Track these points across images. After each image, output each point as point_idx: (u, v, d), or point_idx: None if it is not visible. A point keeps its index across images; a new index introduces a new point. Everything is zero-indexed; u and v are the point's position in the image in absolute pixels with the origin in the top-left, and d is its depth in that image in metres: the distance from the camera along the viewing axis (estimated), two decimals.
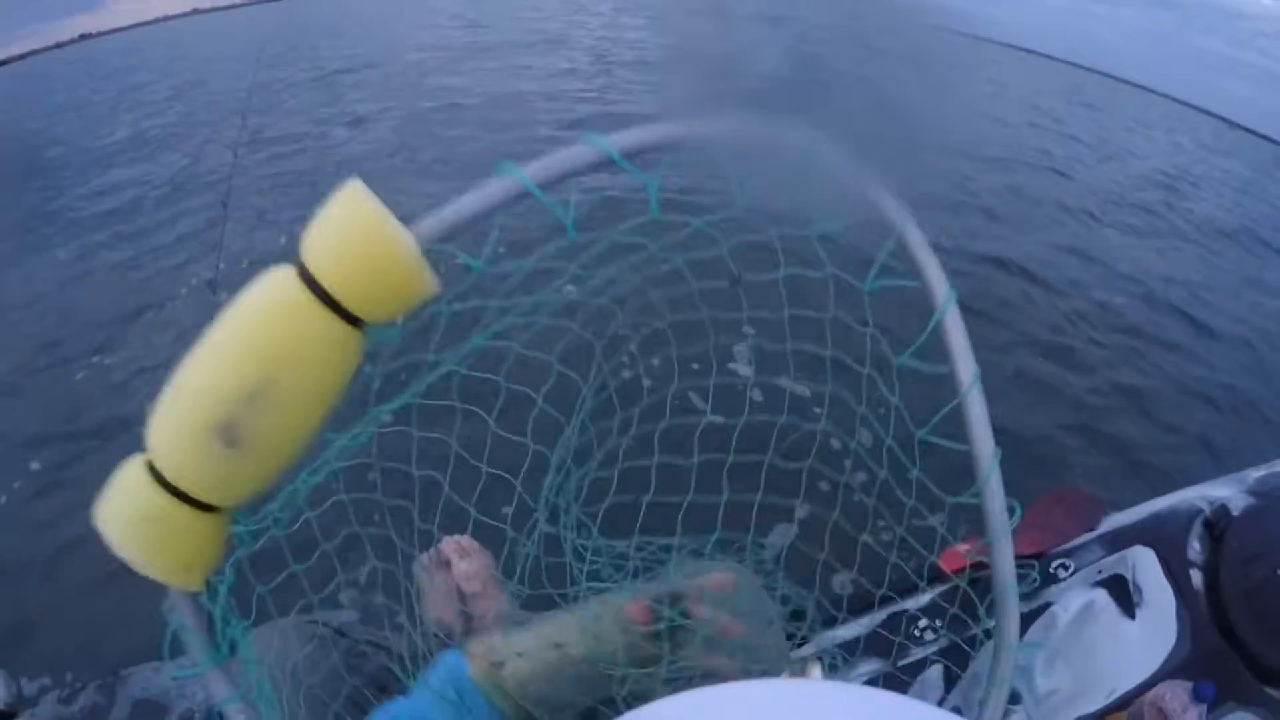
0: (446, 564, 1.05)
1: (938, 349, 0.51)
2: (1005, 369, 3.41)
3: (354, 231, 0.37)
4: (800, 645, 1.25)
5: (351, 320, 0.38)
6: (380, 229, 0.37)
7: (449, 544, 1.06)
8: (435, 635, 0.95)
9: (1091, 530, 1.50)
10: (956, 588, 1.41)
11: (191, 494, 0.39)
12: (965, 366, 0.52)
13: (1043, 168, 7.67)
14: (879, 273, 0.53)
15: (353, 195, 0.38)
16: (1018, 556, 1.42)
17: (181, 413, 0.38)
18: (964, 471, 0.52)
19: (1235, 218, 8.17)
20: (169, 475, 0.38)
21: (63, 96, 13.83)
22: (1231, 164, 10.68)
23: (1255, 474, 1.63)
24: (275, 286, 0.38)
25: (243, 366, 0.37)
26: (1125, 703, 1.30)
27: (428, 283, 0.40)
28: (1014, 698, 1.33)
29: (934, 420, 0.54)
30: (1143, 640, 1.39)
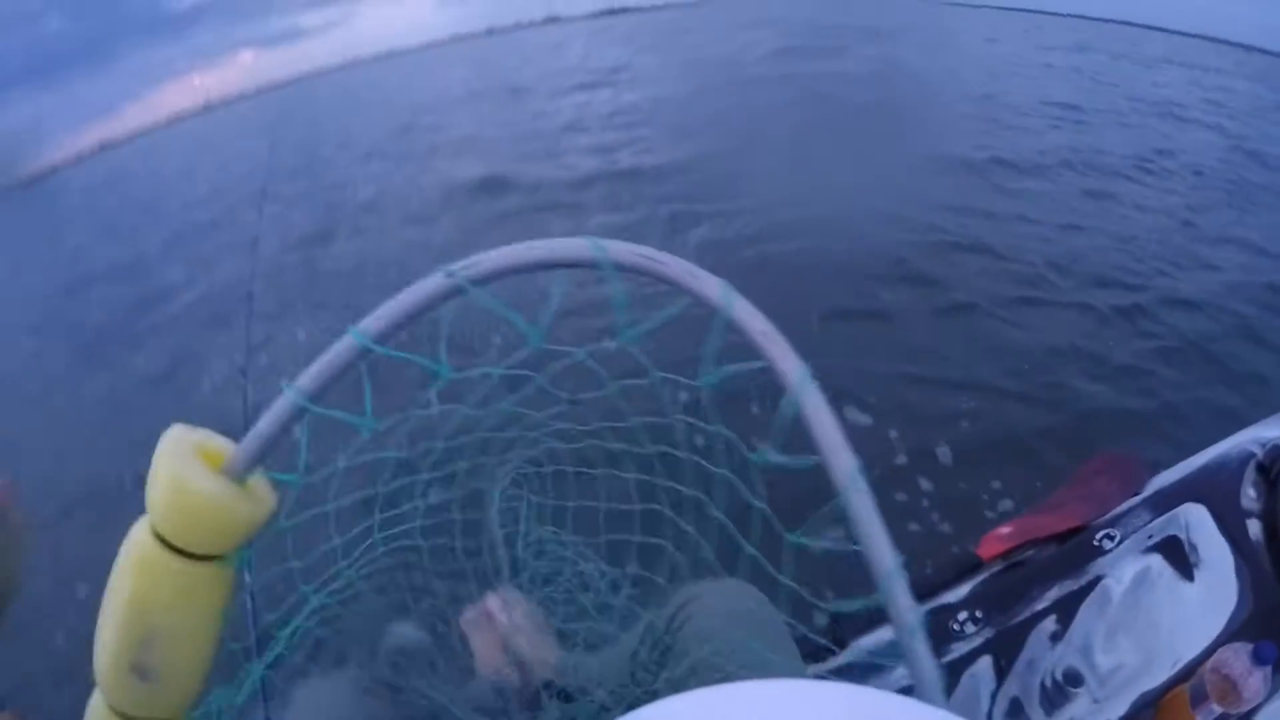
0: (490, 618, 1.10)
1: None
2: (1026, 338, 3.30)
3: (170, 487, 0.43)
4: (832, 655, 1.25)
5: (205, 557, 0.45)
6: (188, 485, 0.43)
7: (492, 599, 1.09)
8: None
9: (1137, 493, 1.44)
10: (997, 575, 1.38)
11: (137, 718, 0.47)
12: (840, 460, 0.44)
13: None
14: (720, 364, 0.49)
15: (166, 451, 0.44)
16: (1062, 532, 1.38)
17: (105, 659, 0.46)
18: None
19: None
20: (117, 708, 0.47)
21: (87, 210, 14.74)
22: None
23: None
24: (135, 544, 0.44)
25: (130, 620, 0.44)
26: (1189, 672, 1.25)
27: (252, 512, 0.46)
28: (1075, 679, 1.29)
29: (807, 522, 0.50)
30: (1203, 602, 1.33)
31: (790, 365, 0.45)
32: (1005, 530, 1.40)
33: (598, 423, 0.92)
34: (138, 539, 0.44)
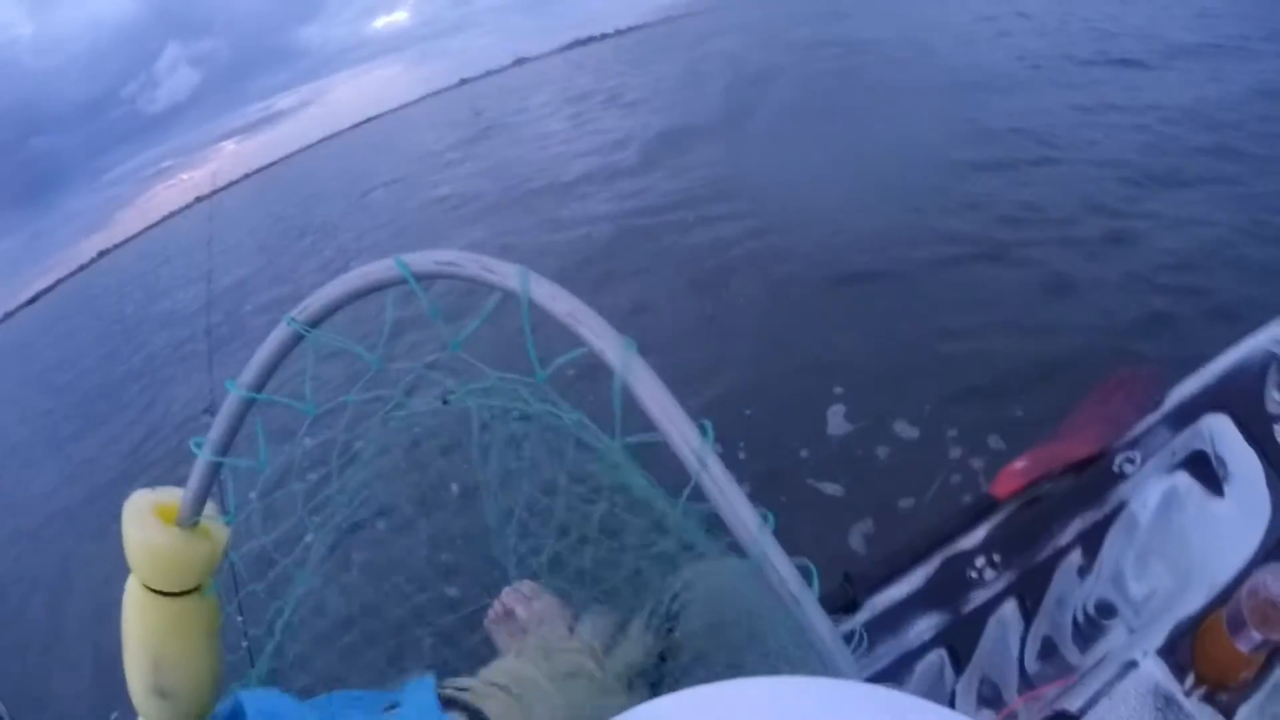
0: (511, 614, 1.09)
1: None
2: (1022, 273, 3.22)
3: (137, 545, 0.55)
4: (848, 612, 1.19)
5: (183, 592, 0.57)
6: (149, 541, 0.55)
7: (509, 595, 1.10)
8: None
9: (1156, 408, 1.35)
10: (1014, 513, 1.30)
11: None
12: (679, 433, 0.43)
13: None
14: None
15: (128, 516, 0.55)
16: (1080, 460, 1.29)
17: (133, 687, 0.58)
18: None
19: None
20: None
21: (87, 319, 15.01)
22: None
23: None
24: (129, 593, 0.57)
25: (140, 653, 0.56)
26: (1226, 596, 1.17)
27: (209, 549, 0.58)
28: (1108, 610, 1.22)
29: None
30: (1236, 519, 1.25)
31: (608, 343, 0.44)
32: (1020, 465, 1.32)
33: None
34: (130, 589, 0.56)
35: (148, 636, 0.56)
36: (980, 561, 1.26)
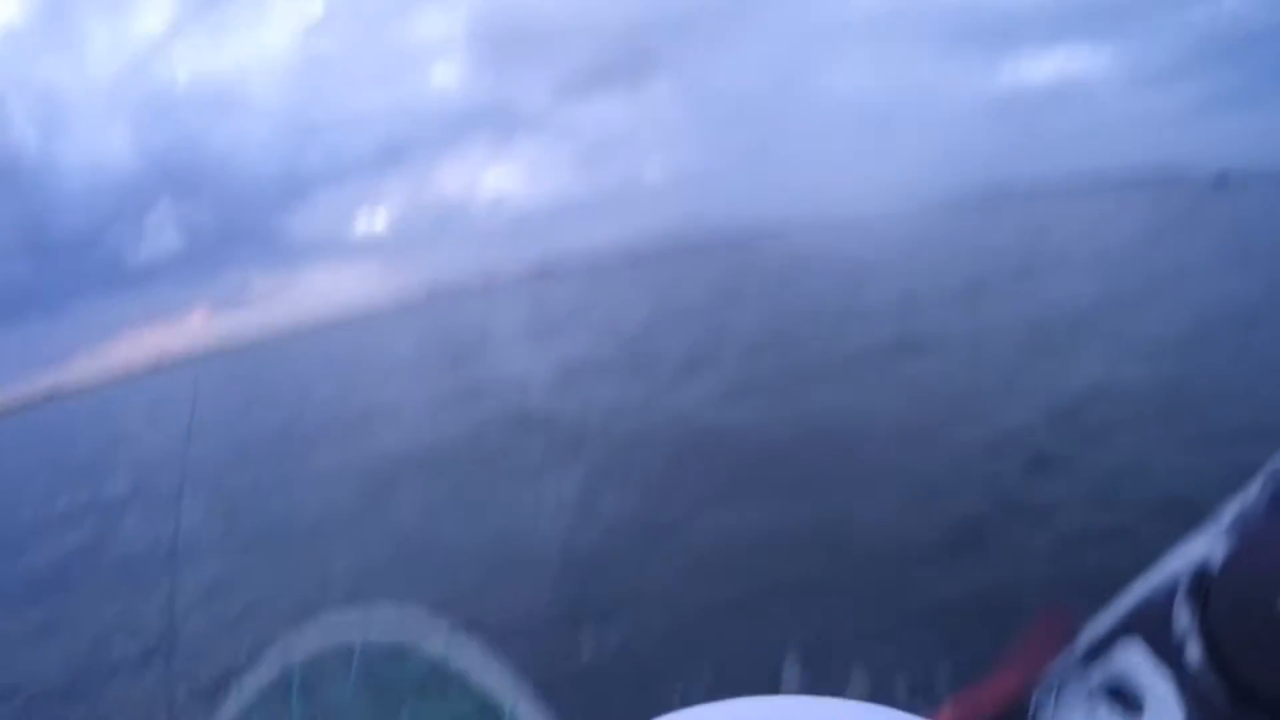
0: None
1: None
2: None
3: None
4: None
5: None
6: None
7: None
8: None
9: (1071, 648, 1.41)
10: None
11: None
12: None
13: None
14: None
15: None
16: (999, 709, 1.48)
17: None
18: None
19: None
20: None
21: (22, 460, 15.66)
22: None
23: (1229, 514, 1.42)
24: None
25: None
26: None
27: None
28: None
29: None
30: None
31: None
32: (944, 718, 1.43)
33: None
34: None
35: None
36: None
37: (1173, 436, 4.84)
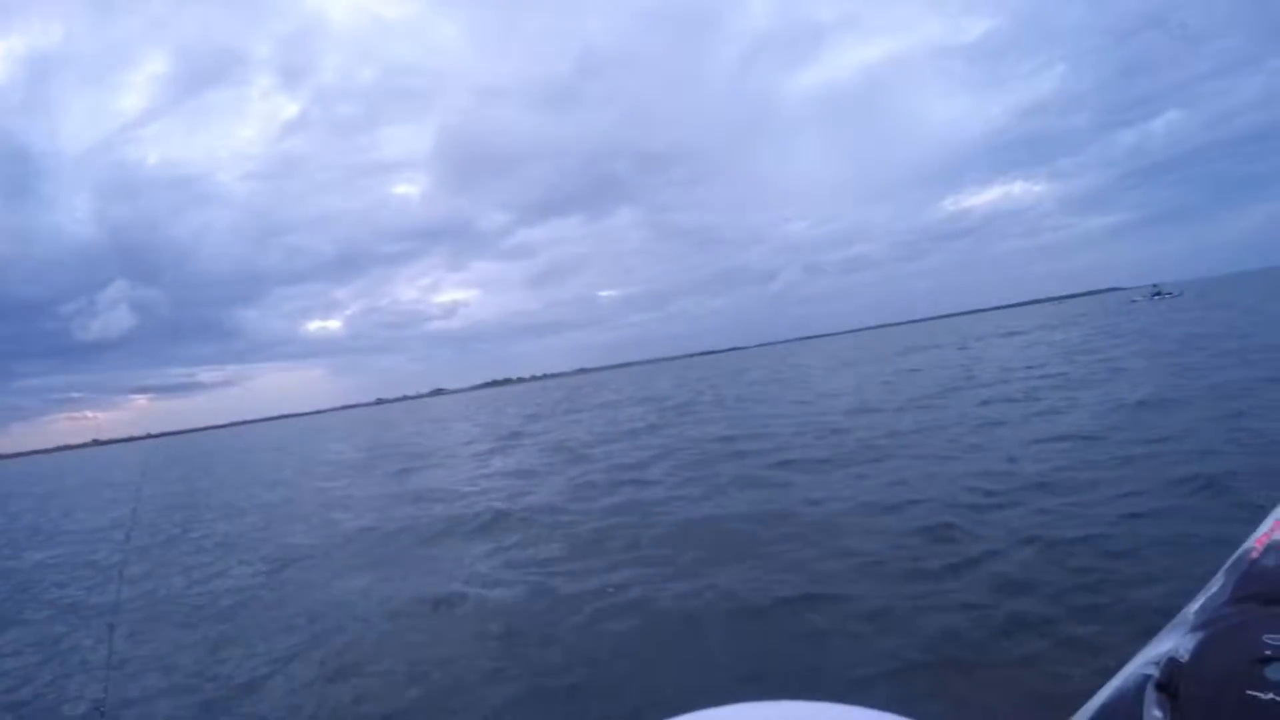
0: None
1: None
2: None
3: None
4: None
5: None
6: None
7: None
8: None
9: None
10: None
11: None
12: None
13: None
14: None
15: None
16: None
17: None
18: None
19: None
20: None
21: None
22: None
23: (1193, 607, 1.47)
24: None
25: None
26: None
27: None
28: None
29: None
30: None
31: None
32: None
33: None
34: None
35: None
36: None
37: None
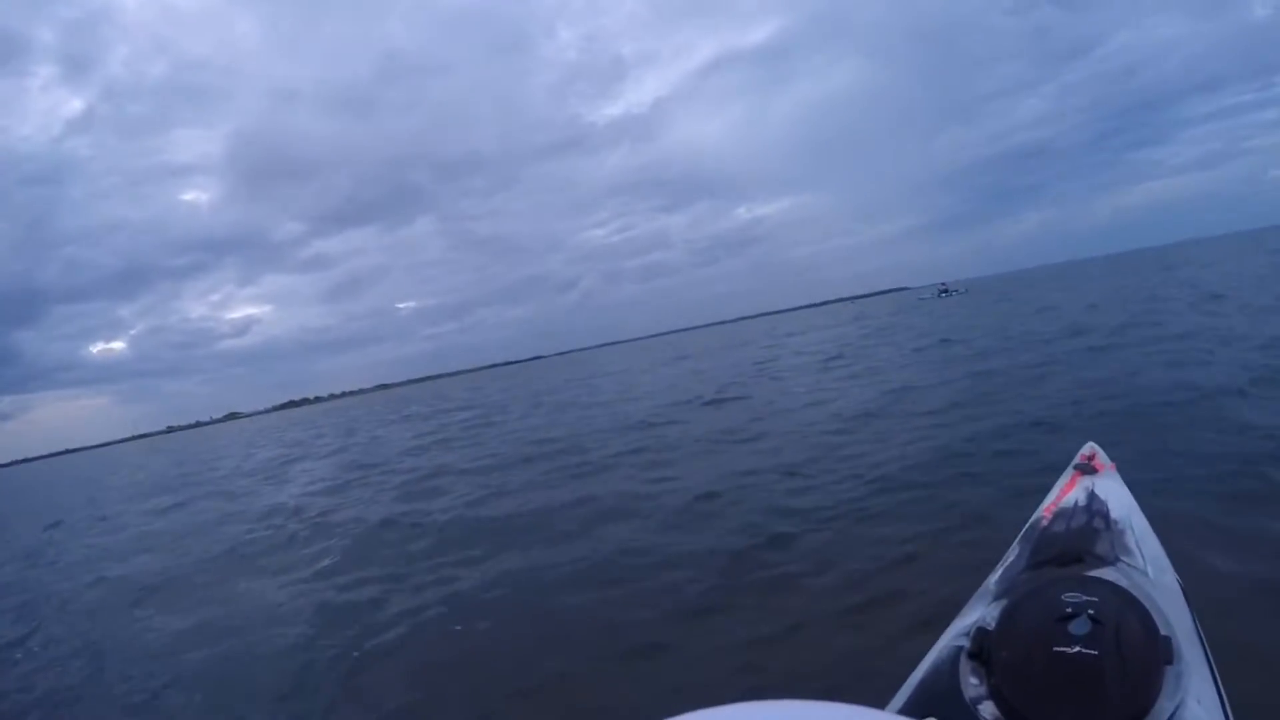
0: None
1: None
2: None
3: None
4: None
5: None
6: None
7: None
8: None
9: None
10: None
11: None
12: None
13: None
14: None
15: None
16: None
17: None
18: None
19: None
20: None
21: None
22: None
23: (993, 579, 1.51)
24: None
25: None
26: None
27: None
28: None
29: None
30: None
31: None
32: None
33: None
34: None
35: None
36: None
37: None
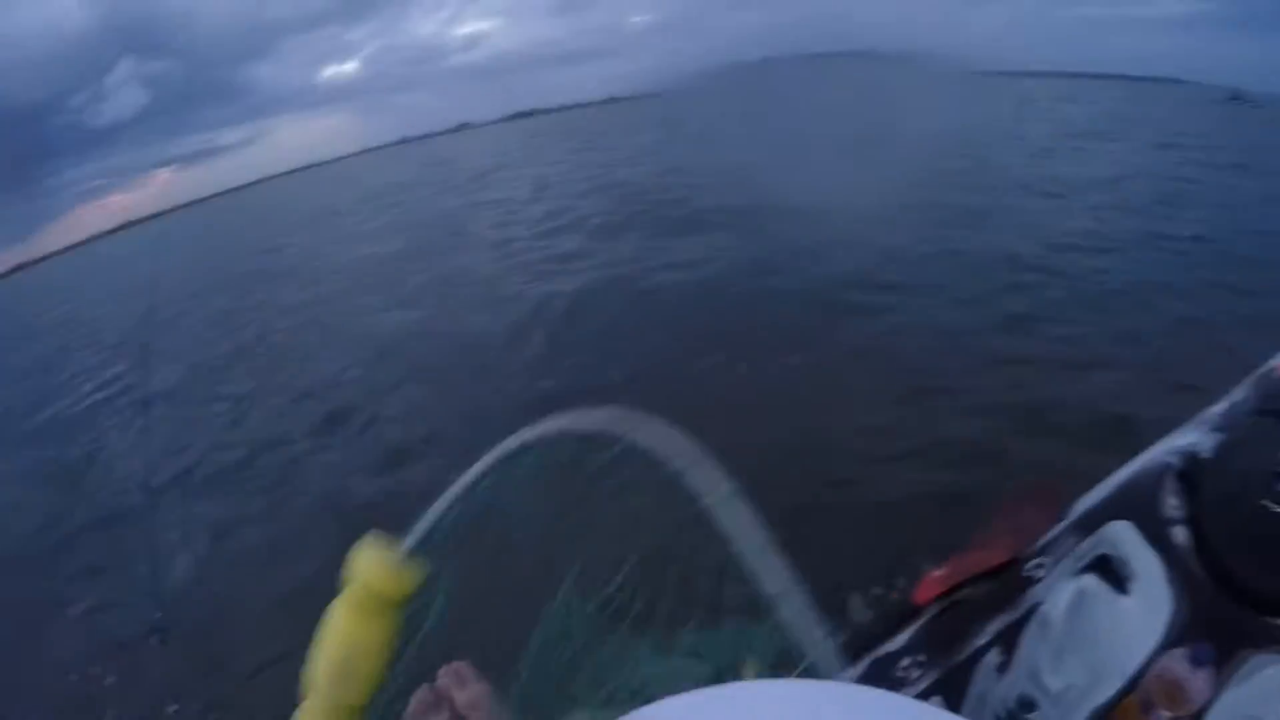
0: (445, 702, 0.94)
1: None
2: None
3: (369, 563, 0.81)
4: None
5: (382, 611, 0.82)
6: (380, 563, 0.81)
7: (446, 672, 0.92)
8: None
9: (1061, 519, 1.53)
10: (936, 617, 1.49)
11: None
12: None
13: None
14: None
15: (367, 547, 0.82)
16: (994, 568, 1.51)
17: (318, 670, 0.78)
18: None
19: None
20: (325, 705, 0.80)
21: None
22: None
23: (1217, 410, 1.55)
24: (344, 602, 0.80)
25: (337, 646, 0.78)
26: (1135, 682, 1.28)
27: (410, 582, 0.83)
28: (1029, 704, 1.34)
29: None
30: (1140, 614, 1.36)
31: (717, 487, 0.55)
32: (939, 573, 1.53)
33: None
34: (345, 600, 0.79)
35: (350, 634, 0.76)
36: (906, 662, 1.43)
37: None
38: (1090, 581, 1.44)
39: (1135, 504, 1.49)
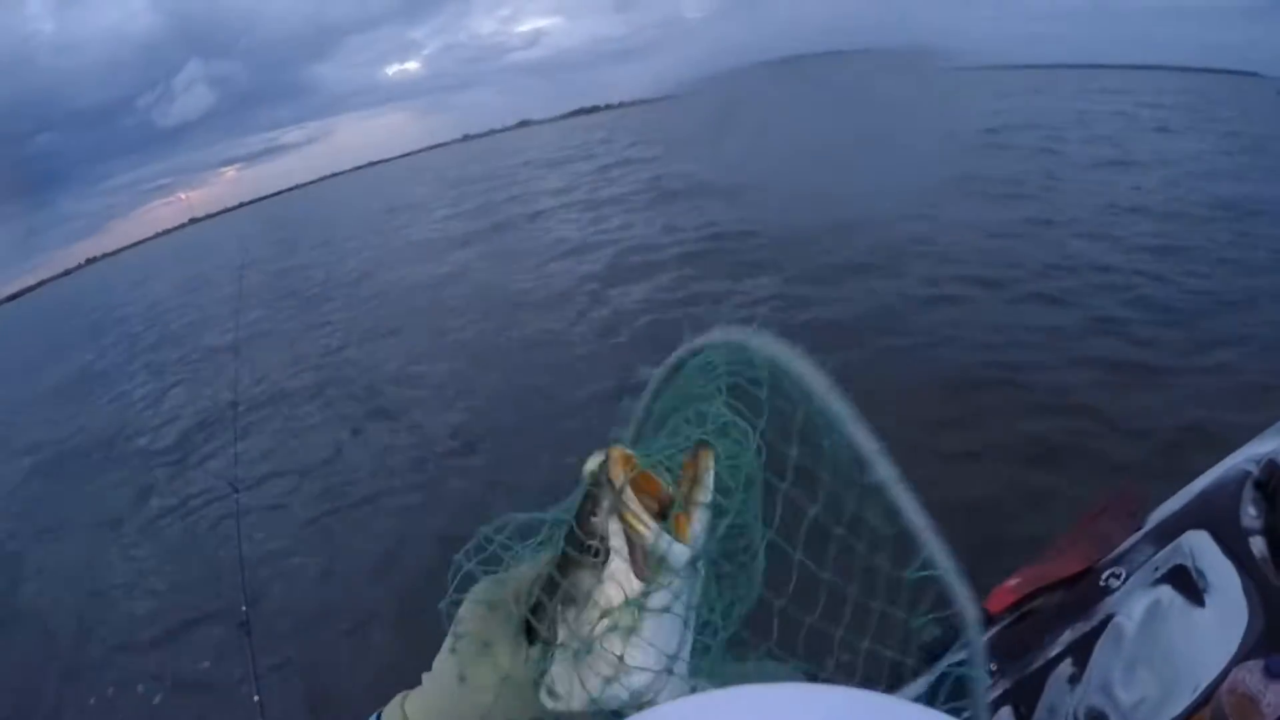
0: None
1: None
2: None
3: None
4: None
5: None
6: None
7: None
8: None
9: (1139, 528, 1.53)
10: (1008, 626, 1.54)
11: None
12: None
13: None
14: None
15: None
16: (1068, 577, 1.55)
17: None
18: None
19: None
20: None
21: (71, 322, 16.72)
22: None
23: None
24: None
25: None
26: (1209, 696, 1.28)
27: None
28: (1099, 717, 1.36)
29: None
30: (1216, 625, 1.35)
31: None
32: (1013, 582, 1.57)
33: None
34: None
35: None
36: None
37: None
38: (1166, 592, 1.44)
39: (1213, 513, 1.47)
